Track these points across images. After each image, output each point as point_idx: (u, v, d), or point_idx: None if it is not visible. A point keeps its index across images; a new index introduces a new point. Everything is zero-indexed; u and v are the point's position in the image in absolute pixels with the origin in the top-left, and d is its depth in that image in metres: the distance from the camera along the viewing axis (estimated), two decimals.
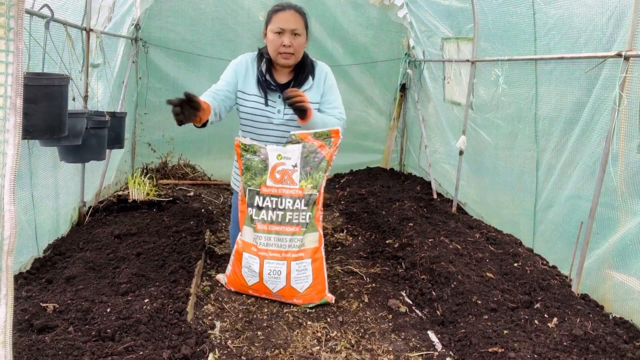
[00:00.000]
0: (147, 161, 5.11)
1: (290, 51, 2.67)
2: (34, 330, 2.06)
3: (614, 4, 2.57)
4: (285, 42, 2.64)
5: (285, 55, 2.68)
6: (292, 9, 2.68)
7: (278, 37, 2.66)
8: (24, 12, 0.97)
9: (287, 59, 2.71)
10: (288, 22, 2.64)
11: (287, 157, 2.58)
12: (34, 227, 2.81)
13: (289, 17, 2.65)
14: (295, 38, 2.66)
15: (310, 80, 2.81)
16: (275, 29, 2.66)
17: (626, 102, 2.43)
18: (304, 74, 2.80)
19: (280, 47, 2.66)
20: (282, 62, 2.72)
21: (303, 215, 2.59)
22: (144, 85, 4.92)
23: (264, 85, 2.77)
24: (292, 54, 2.69)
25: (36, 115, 2.07)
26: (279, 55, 2.69)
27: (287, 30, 2.64)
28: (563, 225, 3.07)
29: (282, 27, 2.64)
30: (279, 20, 2.65)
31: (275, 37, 2.67)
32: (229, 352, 2.22)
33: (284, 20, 2.65)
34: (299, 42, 2.69)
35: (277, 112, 2.78)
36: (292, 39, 2.66)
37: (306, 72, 2.80)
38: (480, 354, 2.16)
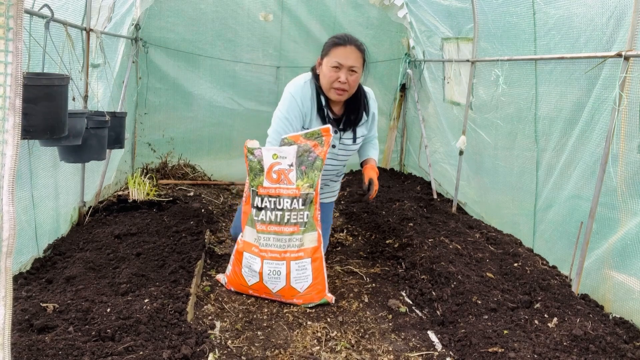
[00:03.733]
0: (147, 161, 5.11)
1: (345, 87, 2.63)
2: (34, 330, 2.06)
3: (614, 4, 2.57)
4: (342, 78, 2.59)
5: (339, 91, 2.64)
6: (353, 45, 2.60)
7: (334, 72, 2.60)
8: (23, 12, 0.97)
9: (340, 95, 2.67)
10: (347, 58, 2.58)
11: (283, 156, 2.58)
12: (34, 227, 2.81)
13: (349, 53, 2.58)
14: (352, 75, 2.62)
15: (364, 116, 2.84)
16: (333, 64, 2.60)
17: (626, 102, 2.43)
18: (360, 112, 2.81)
19: (335, 82, 2.61)
20: (334, 97, 2.68)
21: (301, 215, 2.59)
22: (144, 85, 4.93)
23: (325, 118, 2.73)
24: (346, 90, 2.65)
25: (36, 115, 2.07)
26: (332, 89, 2.65)
27: (345, 66, 2.59)
28: (563, 225, 3.07)
29: (341, 62, 2.58)
30: (338, 55, 2.58)
31: (331, 71, 2.61)
32: (229, 352, 2.22)
33: (343, 56, 2.58)
34: (355, 78, 2.64)
35: (331, 146, 2.79)
36: (349, 75, 2.61)
37: (362, 110, 2.81)
38: (480, 354, 2.16)
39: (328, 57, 2.63)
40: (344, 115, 2.82)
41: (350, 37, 2.64)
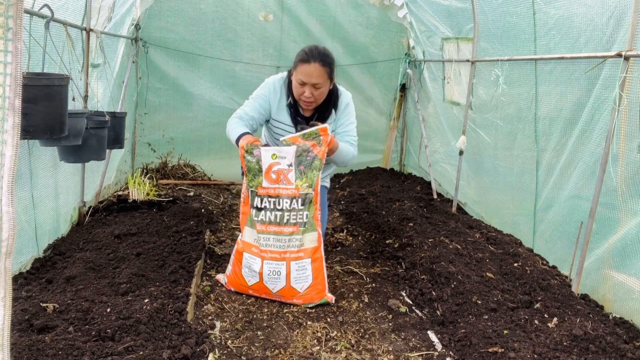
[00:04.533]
0: (147, 161, 5.11)
1: (311, 101, 2.75)
2: (34, 330, 2.06)
3: (614, 4, 2.57)
4: (306, 94, 2.70)
5: (306, 103, 2.77)
6: (317, 62, 2.67)
7: (300, 87, 2.72)
8: (22, 12, 0.97)
9: (308, 106, 2.81)
10: (310, 76, 2.67)
11: (282, 156, 2.58)
12: (34, 227, 2.81)
13: (312, 71, 2.66)
14: (317, 90, 2.72)
15: (333, 114, 2.92)
16: (298, 80, 2.71)
17: (626, 102, 2.43)
18: (327, 111, 2.89)
19: (301, 96, 2.73)
20: (303, 107, 2.84)
21: (300, 215, 2.59)
22: (144, 85, 4.93)
23: (294, 117, 2.87)
24: (312, 102, 2.77)
25: (36, 115, 2.07)
26: (300, 100, 2.78)
27: (309, 84, 2.68)
28: (563, 225, 3.07)
29: (304, 80, 2.68)
30: (302, 73, 2.68)
31: (297, 85, 2.73)
32: (229, 352, 2.22)
33: (306, 74, 2.67)
34: (320, 93, 2.74)
35: None
36: (314, 90, 2.71)
37: (329, 109, 2.89)
38: (480, 354, 2.16)
39: (295, 71, 2.73)
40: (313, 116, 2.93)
41: (316, 53, 2.70)
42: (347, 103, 2.95)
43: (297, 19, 5.16)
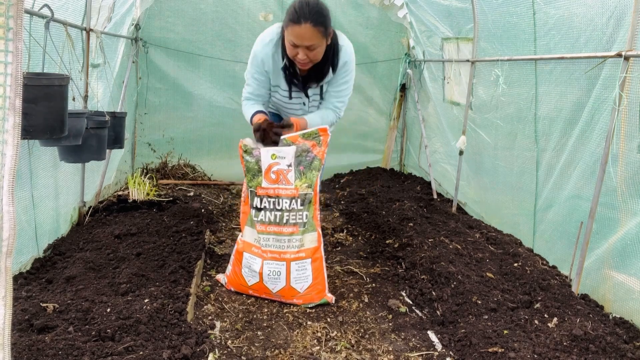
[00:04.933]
0: (147, 161, 5.11)
1: (306, 62, 2.51)
2: (34, 330, 2.06)
3: (614, 4, 2.57)
4: (300, 56, 2.46)
5: (301, 64, 2.54)
6: (308, 23, 2.36)
7: (293, 49, 2.47)
8: (23, 12, 0.97)
9: (304, 67, 2.58)
10: (302, 38, 2.40)
11: (282, 156, 2.58)
12: (34, 227, 2.81)
13: (304, 33, 2.38)
14: (312, 51, 2.46)
15: (330, 74, 2.66)
16: (289, 41, 2.45)
17: (626, 102, 2.43)
18: (324, 71, 2.63)
19: (295, 57, 2.50)
20: (299, 68, 2.61)
21: (300, 215, 2.59)
22: (144, 85, 4.93)
23: (290, 80, 2.67)
24: (308, 62, 2.53)
25: (36, 115, 2.07)
26: (296, 62, 2.55)
27: (302, 46, 2.43)
28: (563, 225, 3.07)
29: (296, 43, 2.42)
30: (294, 34, 2.40)
31: (290, 47, 2.48)
32: (229, 352, 2.22)
33: (298, 36, 2.40)
34: (316, 53, 2.49)
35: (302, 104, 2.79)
36: (308, 52, 2.46)
37: (326, 69, 2.62)
38: (480, 354, 2.16)
39: (286, 31, 2.46)
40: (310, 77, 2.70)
41: (307, 10, 2.38)
42: (346, 61, 2.65)
43: None
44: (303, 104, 2.81)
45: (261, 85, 2.72)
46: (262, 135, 2.58)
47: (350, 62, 2.69)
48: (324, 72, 2.64)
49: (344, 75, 2.69)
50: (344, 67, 2.67)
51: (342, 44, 2.65)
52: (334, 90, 2.73)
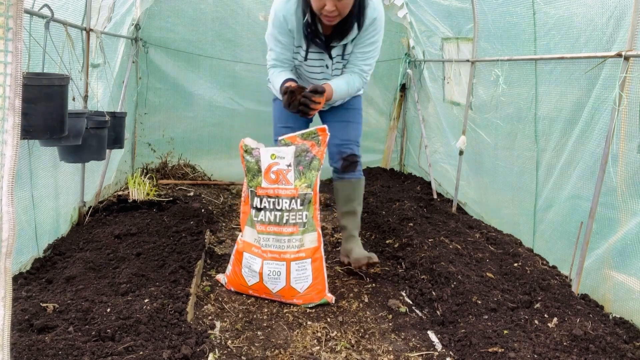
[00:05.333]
0: (147, 161, 5.11)
1: (334, 15, 2.27)
2: (34, 330, 2.06)
3: (614, 4, 2.57)
4: (328, 7, 2.21)
5: (328, 18, 2.29)
6: None
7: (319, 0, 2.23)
8: (22, 12, 0.97)
9: (331, 21, 2.33)
10: None
11: (282, 156, 2.58)
12: (34, 227, 2.81)
13: None
14: (340, 1, 2.21)
15: (355, 30, 2.41)
16: None
17: (626, 102, 2.43)
18: (348, 26, 2.38)
19: (322, 9, 2.26)
20: (325, 22, 2.35)
21: (300, 215, 2.59)
22: (144, 85, 4.93)
23: (312, 39, 2.43)
24: (336, 16, 2.28)
25: (36, 115, 2.08)
26: (322, 15, 2.30)
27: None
28: (563, 225, 3.07)
29: None
30: None
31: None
32: (229, 352, 2.22)
33: None
34: (345, 4, 2.24)
35: (324, 67, 2.57)
36: (337, 2, 2.20)
37: (351, 24, 2.38)
38: (480, 354, 2.16)
39: None
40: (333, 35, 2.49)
41: None
42: (374, 18, 2.41)
43: None
44: (326, 66, 2.60)
45: (286, 48, 2.50)
46: (289, 99, 2.34)
47: (379, 20, 2.45)
48: (348, 27, 2.41)
49: (371, 34, 2.46)
50: (372, 25, 2.44)
51: (369, 1, 2.43)
52: (359, 52, 2.51)
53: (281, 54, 2.52)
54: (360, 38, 2.45)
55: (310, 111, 2.37)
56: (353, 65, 2.55)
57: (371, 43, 2.50)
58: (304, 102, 2.31)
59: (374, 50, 2.53)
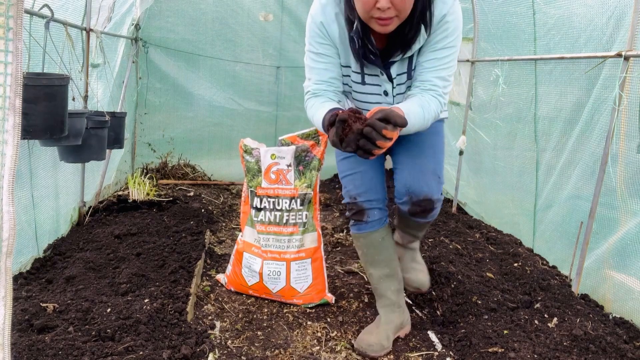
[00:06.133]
0: (147, 161, 5.12)
1: (390, 16, 1.62)
2: (34, 330, 2.06)
3: (614, 4, 2.57)
4: (382, 3, 1.58)
5: (382, 21, 1.64)
6: None
7: None
8: (23, 12, 0.97)
9: (386, 25, 1.66)
10: None
11: (282, 156, 2.58)
12: (34, 227, 2.81)
13: None
14: None
15: (422, 35, 1.76)
16: None
17: (626, 102, 2.43)
18: (412, 30, 1.73)
19: (373, 9, 1.62)
20: (377, 29, 1.69)
21: (300, 215, 2.59)
22: (144, 85, 4.93)
23: (362, 53, 1.79)
24: (392, 17, 1.63)
25: (36, 115, 2.08)
26: (372, 19, 1.66)
27: None
28: (563, 225, 3.07)
29: None
30: None
31: None
32: (229, 352, 2.22)
33: None
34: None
35: (382, 94, 1.92)
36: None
37: (414, 26, 1.72)
38: (480, 354, 2.16)
39: None
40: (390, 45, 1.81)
41: None
42: (444, 14, 1.74)
43: (297, 19, 5.16)
44: (384, 93, 1.92)
45: (331, 65, 1.85)
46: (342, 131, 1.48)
47: (452, 15, 1.76)
48: (413, 31, 1.73)
49: (441, 35, 1.77)
50: (443, 24, 1.76)
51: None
52: (427, 60, 1.80)
53: (324, 72, 1.84)
54: (428, 44, 1.79)
55: (376, 150, 1.47)
56: (421, 81, 1.81)
57: (443, 48, 1.78)
58: (368, 135, 1.44)
59: (449, 58, 1.80)
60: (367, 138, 1.45)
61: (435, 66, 1.80)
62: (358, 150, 1.48)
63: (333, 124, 1.50)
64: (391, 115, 1.45)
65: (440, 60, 1.79)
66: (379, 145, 1.45)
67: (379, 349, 2.22)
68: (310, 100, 1.87)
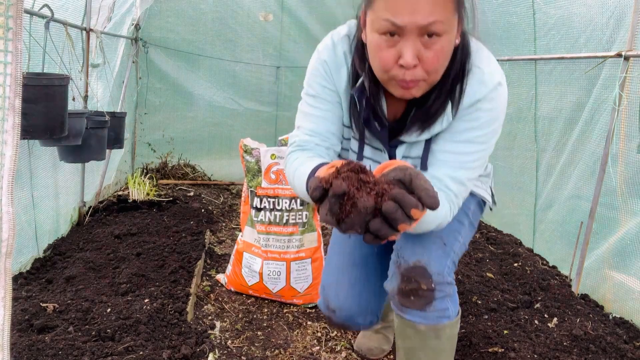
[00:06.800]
0: (147, 161, 5.11)
1: (417, 75, 1.20)
2: (34, 330, 2.06)
3: (614, 4, 2.57)
4: (407, 58, 1.16)
5: (405, 83, 1.22)
6: None
7: (389, 45, 1.19)
8: (22, 12, 0.97)
9: (408, 89, 1.24)
10: (414, 8, 1.12)
11: (282, 156, 2.58)
12: (34, 227, 2.81)
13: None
14: (432, 43, 1.17)
15: (446, 116, 1.32)
16: (383, 25, 1.17)
17: (626, 102, 2.43)
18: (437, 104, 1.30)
19: (394, 67, 1.21)
20: (397, 93, 1.27)
21: (300, 215, 2.59)
22: (144, 85, 4.93)
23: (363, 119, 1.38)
24: (419, 80, 1.22)
25: (36, 115, 2.08)
26: (392, 81, 1.24)
27: (409, 28, 1.15)
28: (563, 225, 3.07)
29: (399, 21, 1.14)
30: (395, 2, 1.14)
31: (382, 43, 1.20)
32: (229, 352, 2.22)
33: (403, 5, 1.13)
34: (439, 51, 1.19)
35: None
36: (422, 47, 1.17)
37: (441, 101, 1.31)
38: (480, 354, 2.16)
39: (374, 6, 1.20)
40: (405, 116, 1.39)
41: None
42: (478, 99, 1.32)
43: (297, 19, 5.16)
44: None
45: (330, 115, 1.42)
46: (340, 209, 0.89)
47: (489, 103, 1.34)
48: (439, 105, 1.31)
49: (470, 124, 1.34)
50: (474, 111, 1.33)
51: (479, 65, 1.35)
52: (444, 152, 1.35)
53: (320, 122, 1.40)
54: (449, 129, 1.34)
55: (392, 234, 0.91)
56: (432, 176, 1.33)
57: (467, 142, 1.34)
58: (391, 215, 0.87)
59: (473, 156, 1.35)
60: (386, 219, 0.86)
61: (453, 162, 1.32)
62: (367, 235, 0.90)
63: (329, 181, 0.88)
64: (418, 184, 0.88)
65: (460, 156, 1.33)
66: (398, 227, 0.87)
67: (379, 352, 2.22)
68: (294, 154, 1.36)
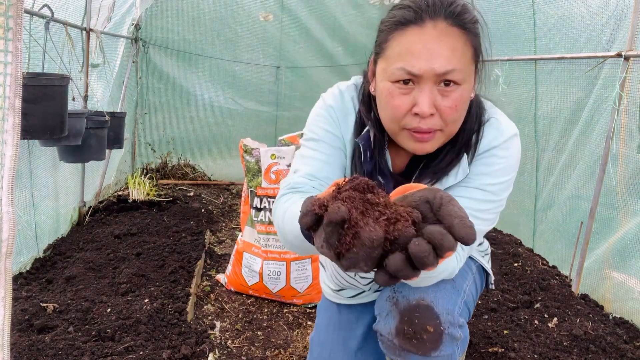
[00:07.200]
0: (147, 161, 5.12)
1: (433, 125, 1.14)
2: (34, 330, 2.06)
3: (614, 4, 2.57)
4: (423, 106, 1.10)
5: (419, 135, 1.15)
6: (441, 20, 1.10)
7: (402, 93, 1.13)
8: (22, 12, 0.97)
9: (423, 142, 1.17)
10: (430, 54, 1.09)
11: (281, 156, 2.58)
12: (34, 227, 2.81)
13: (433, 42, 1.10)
14: (450, 92, 1.12)
15: (461, 168, 1.25)
16: (397, 74, 1.12)
17: (626, 102, 2.43)
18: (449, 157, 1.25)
19: (406, 117, 1.15)
20: (410, 147, 1.19)
21: None
22: (144, 85, 4.93)
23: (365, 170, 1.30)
24: (436, 130, 1.15)
25: (36, 115, 2.08)
26: (403, 132, 1.17)
27: (426, 76, 1.10)
28: (563, 225, 3.07)
29: (414, 69, 1.10)
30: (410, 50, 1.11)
31: (395, 89, 1.14)
32: (229, 352, 2.22)
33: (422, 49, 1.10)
34: (458, 98, 1.13)
35: None
36: (440, 95, 1.12)
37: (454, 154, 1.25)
38: (480, 354, 2.16)
39: (386, 54, 1.17)
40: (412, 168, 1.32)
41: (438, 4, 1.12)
42: (494, 147, 1.25)
43: (297, 19, 5.16)
44: None
45: (333, 159, 1.30)
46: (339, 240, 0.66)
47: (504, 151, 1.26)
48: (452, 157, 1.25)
49: (483, 170, 1.25)
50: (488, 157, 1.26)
51: (496, 116, 1.35)
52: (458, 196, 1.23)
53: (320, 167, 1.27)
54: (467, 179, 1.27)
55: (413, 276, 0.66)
56: None
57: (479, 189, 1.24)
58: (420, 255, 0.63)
59: (484, 205, 1.24)
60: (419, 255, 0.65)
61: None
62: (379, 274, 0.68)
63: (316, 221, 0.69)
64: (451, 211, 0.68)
65: (471, 202, 1.22)
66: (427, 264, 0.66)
67: None
68: (285, 197, 1.20)
